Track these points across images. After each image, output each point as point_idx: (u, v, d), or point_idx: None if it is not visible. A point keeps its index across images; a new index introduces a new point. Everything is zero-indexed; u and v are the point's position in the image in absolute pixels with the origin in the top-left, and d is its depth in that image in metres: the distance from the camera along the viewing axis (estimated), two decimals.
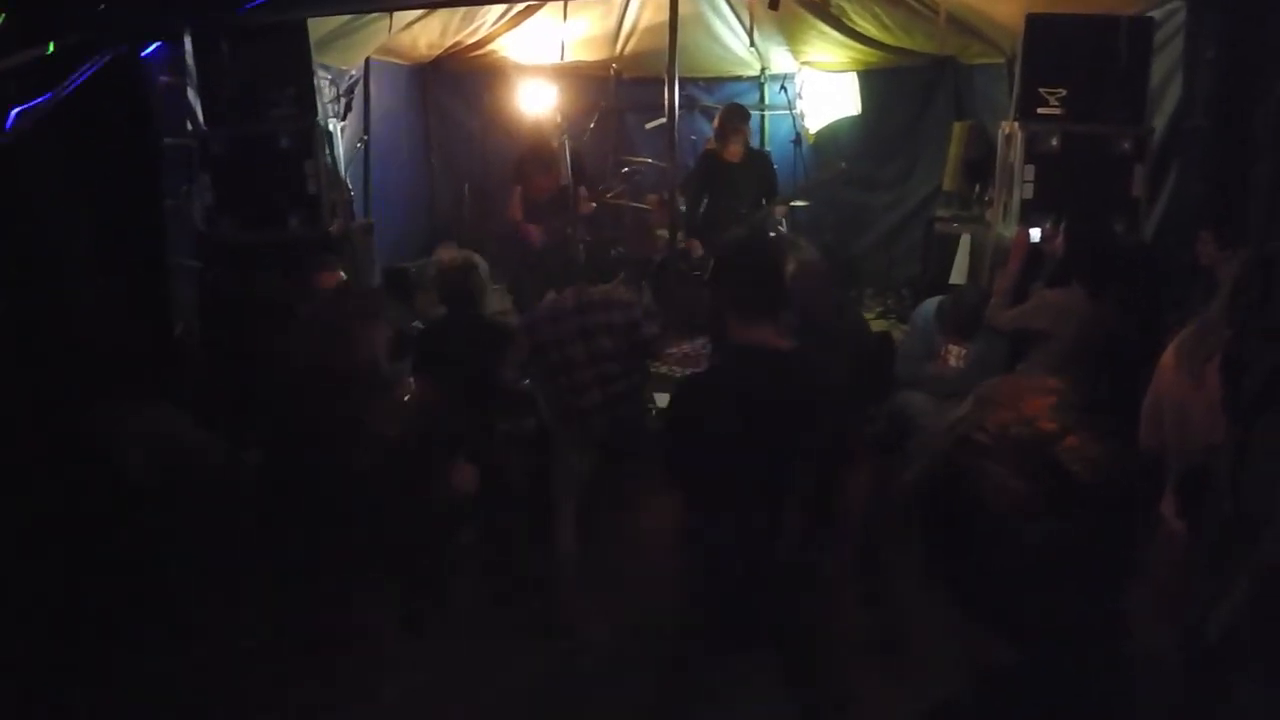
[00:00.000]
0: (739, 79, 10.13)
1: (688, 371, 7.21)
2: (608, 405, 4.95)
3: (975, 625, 1.30)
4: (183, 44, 5.50)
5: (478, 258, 5.48)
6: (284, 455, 3.36)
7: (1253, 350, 2.32)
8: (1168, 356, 3.23)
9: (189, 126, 5.58)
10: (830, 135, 9.55)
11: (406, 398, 6.36)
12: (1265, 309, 2.32)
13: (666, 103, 6.38)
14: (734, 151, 7.30)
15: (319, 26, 6.04)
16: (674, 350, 6.62)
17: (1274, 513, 2.13)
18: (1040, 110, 5.49)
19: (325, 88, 6.31)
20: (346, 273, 5.70)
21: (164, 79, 5.30)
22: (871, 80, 9.36)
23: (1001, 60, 7.55)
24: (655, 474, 3.19)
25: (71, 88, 4.49)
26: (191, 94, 5.63)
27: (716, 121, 7.54)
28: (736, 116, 7.35)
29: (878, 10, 8.11)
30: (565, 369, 4.93)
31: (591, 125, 9.21)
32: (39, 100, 4.29)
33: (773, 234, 8.08)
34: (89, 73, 4.59)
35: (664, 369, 6.79)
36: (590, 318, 4.95)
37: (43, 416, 3.84)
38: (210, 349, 5.32)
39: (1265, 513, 2.12)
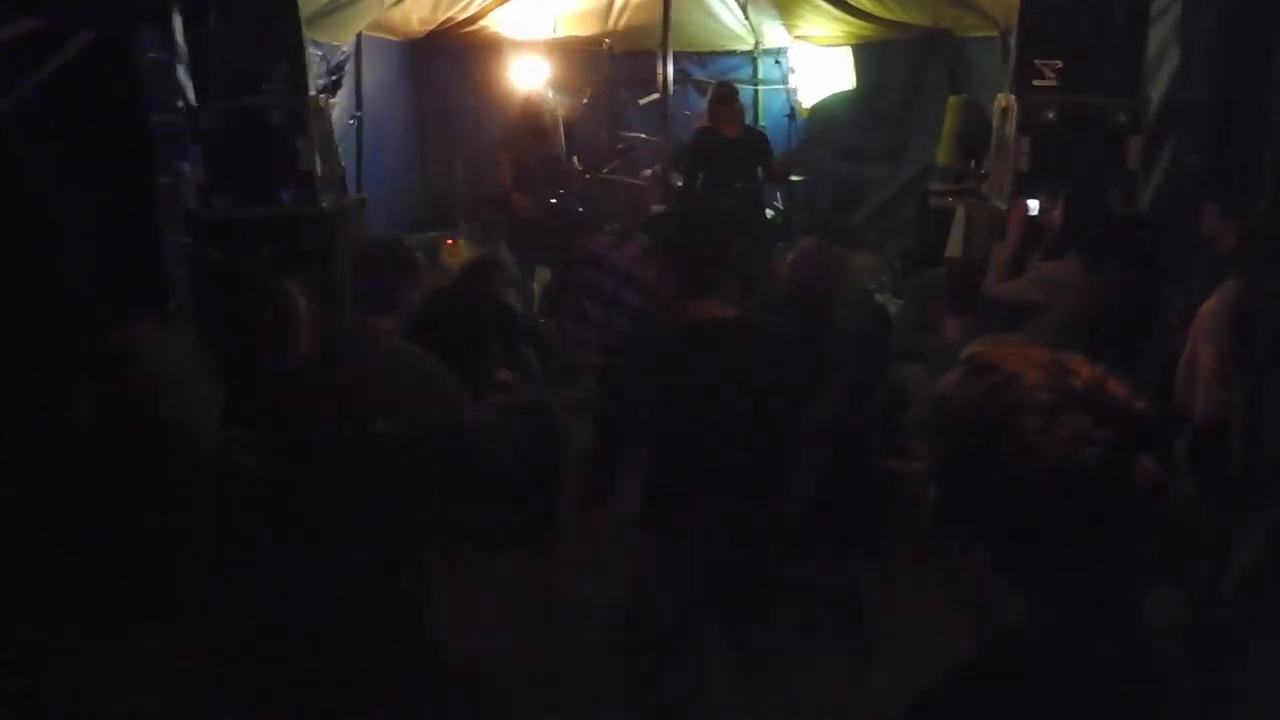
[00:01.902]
0: (732, 53, 10.08)
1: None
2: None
3: (1015, 592, 1.26)
4: (171, 20, 5.45)
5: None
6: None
7: (1265, 303, 2.27)
8: (1202, 318, 3.15)
9: (179, 103, 5.53)
10: (824, 110, 9.51)
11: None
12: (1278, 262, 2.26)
13: (659, 78, 6.36)
14: (730, 127, 7.30)
15: (309, 2, 5.99)
16: None
17: None
18: (1035, 82, 5.45)
19: (315, 64, 6.26)
20: (334, 252, 5.69)
21: (152, 55, 5.24)
22: (866, 54, 9.32)
23: (996, 33, 7.51)
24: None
25: (57, 65, 4.44)
26: (181, 70, 5.58)
27: (706, 101, 7.56)
28: (724, 94, 7.38)
29: None
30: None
31: (585, 101, 9.16)
32: (25, 78, 4.25)
33: (769, 211, 8.08)
34: (75, 50, 4.54)
35: None
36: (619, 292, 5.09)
37: (39, 395, 3.82)
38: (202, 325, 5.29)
39: (1277, 464, 2.08)
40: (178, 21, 5.48)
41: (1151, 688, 1.28)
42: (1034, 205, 5.31)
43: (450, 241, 8.49)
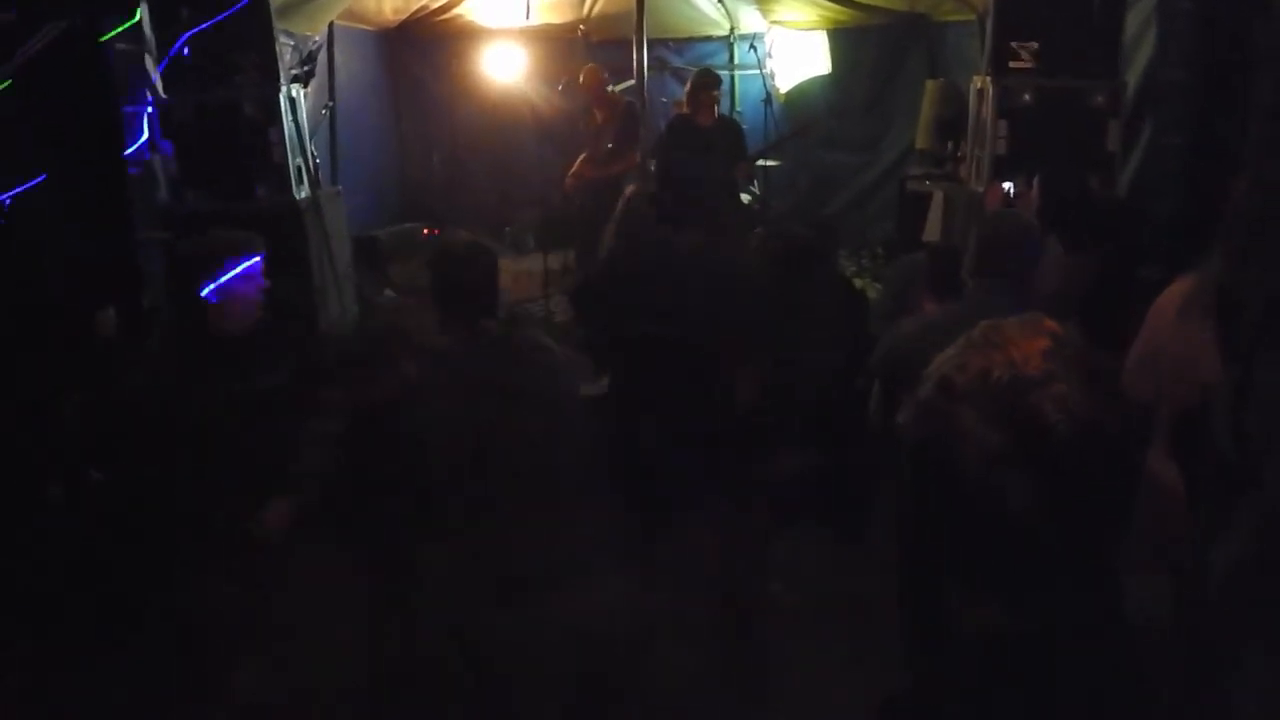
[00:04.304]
0: (708, 39, 10.04)
1: None
2: None
3: (958, 582, 1.24)
4: (138, 11, 5.37)
5: None
6: None
7: (1249, 281, 2.20)
8: (1167, 305, 3.06)
9: (148, 96, 5.46)
10: (801, 95, 9.49)
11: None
12: (1263, 237, 2.19)
13: (635, 65, 6.31)
14: (705, 115, 7.30)
15: None
16: None
17: (1275, 452, 2.03)
18: (1012, 64, 5.44)
19: (287, 54, 6.18)
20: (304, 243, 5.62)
21: (120, 46, 5.16)
22: (842, 39, 9.29)
23: (973, 17, 7.49)
24: None
25: (24, 59, 4.36)
26: (149, 62, 5.50)
27: (688, 87, 7.53)
28: (707, 81, 7.35)
29: None
30: None
31: (560, 88, 9.10)
32: None
33: (745, 196, 8.05)
34: (42, 43, 4.46)
35: None
36: None
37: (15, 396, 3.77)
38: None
39: (1266, 453, 2.03)
40: (146, 12, 5.41)
41: (1130, 683, 1.26)
42: (1009, 186, 5.31)
43: (427, 231, 8.43)
